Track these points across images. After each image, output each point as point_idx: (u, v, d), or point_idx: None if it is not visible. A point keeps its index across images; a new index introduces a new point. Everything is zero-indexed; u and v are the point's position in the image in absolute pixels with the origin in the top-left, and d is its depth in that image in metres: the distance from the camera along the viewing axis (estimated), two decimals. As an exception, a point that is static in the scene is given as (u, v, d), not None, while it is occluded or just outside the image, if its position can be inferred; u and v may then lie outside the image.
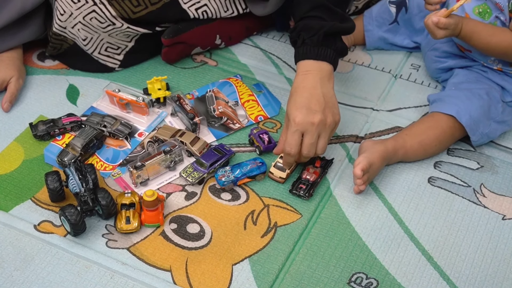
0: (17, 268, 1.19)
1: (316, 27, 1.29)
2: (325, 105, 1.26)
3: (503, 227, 1.28)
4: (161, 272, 1.20)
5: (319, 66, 1.29)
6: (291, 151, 1.26)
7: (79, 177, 1.26)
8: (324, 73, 1.28)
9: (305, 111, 1.24)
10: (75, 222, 1.20)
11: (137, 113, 1.47)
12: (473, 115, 1.36)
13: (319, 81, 1.27)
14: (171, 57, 1.61)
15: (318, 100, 1.26)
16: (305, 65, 1.29)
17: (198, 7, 1.52)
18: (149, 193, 1.23)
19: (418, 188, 1.35)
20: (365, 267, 1.21)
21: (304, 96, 1.26)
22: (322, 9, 1.31)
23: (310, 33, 1.29)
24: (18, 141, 1.42)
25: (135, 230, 1.24)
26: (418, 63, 1.63)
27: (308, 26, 1.29)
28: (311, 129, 1.24)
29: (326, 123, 1.25)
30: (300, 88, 1.27)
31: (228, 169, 1.32)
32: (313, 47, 1.28)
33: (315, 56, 1.28)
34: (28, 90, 1.54)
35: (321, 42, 1.28)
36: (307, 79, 1.28)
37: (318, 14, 1.30)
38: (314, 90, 1.26)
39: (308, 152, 1.26)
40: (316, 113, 1.24)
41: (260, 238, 1.25)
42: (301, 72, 1.29)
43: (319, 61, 1.29)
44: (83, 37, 1.51)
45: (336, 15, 1.32)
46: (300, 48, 1.30)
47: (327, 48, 1.29)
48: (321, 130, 1.26)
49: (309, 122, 1.24)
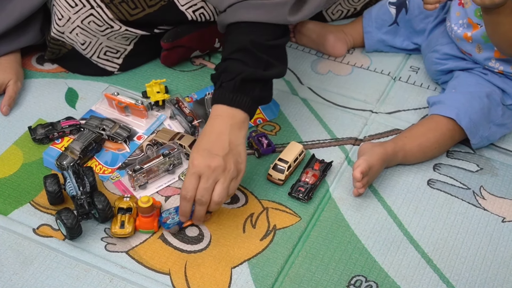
0: (16, 272, 1.19)
1: (235, 71, 1.23)
2: (228, 152, 1.20)
3: (503, 230, 1.28)
4: (160, 276, 1.19)
5: (232, 113, 1.23)
6: (186, 194, 1.18)
7: (76, 180, 1.25)
8: (236, 120, 1.23)
9: (205, 154, 1.18)
10: (71, 226, 1.20)
11: (136, 116, 1.47)
12: (473, 118, 1.36)
13: (228, 127, 1.22)
14: (170, 61, 1.60)
15: (222, 145, 1.20)
16: (218, 109, 1.24)
17: (195, 9, 1.52)
18: (144, 199, 1.22)
19: (418, 190, 1.35)
20: (364, 270, 1.21)
21: (209, 140, 1.21)
22: (245, 53, 1.25)
23: (228, 77, 1.24)
24: (17, 145, 1.41)
25: (128, 235, 1.23)
26: (417, 65, 1.63)
27: (228, 69, 1.24)
28: (207, 173, 1.17)
29: (225, 169, 1.18)
30: (207, 132, 1.23)
31: (172, 211, 1.26)
32: (228, 92, 1.23)
33: (229, 102, 1.23)
34: (27, 93, 1.54)
35: (237, 88, 1.23)
36: (216, 124, 1.22)
37: (241, 58, 1.24)
38: (220, 135, 1.21)
39: (201, 197, 1.18)
40: (216, 158, 1.18)
41: (259, 241, 1.25)
42: (212, 116, 1.24)
43: (233, 108, 1.23)
44: (82, 42, 1.51)
45: (260, 61, 1.25)
46: (216, 91, 1.25)
47: (243, 95, 1.23)
48: (218, 176, 1.18)
49: (206, 165, 1.17)
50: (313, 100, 1.54)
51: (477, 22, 1.39)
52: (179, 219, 1.23)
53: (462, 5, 1.43)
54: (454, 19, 1.44)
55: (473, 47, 1.42)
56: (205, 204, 1.19)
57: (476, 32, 1.39)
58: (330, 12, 1.73)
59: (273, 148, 1.39)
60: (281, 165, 1.34)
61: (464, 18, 1.42)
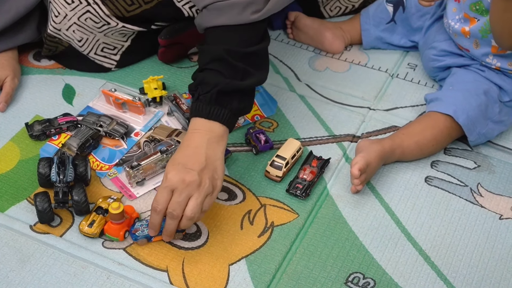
0: (13, 269, 1.19)
1: (211, 83, 1.20)
2: (204, 167, 1.16)
3: (500, 227, 1.28)
4: (158, 273, 1.19)
5: (210, 127, 1.20)
6: (157, 207, 1.15)
7: (59, 168, 1.26)
8: (214, 134, 1.20)
9: (180, 168, 1.15)
10: (42, 209, 1.22)
11: (133, 113, 1.46)
12: (470, 115, 1.36)
13: (205, 141, 1.19)
14: (168, 58, 1.60)
15: (198, 160, 1.17)
16: (196, 123, 1.21)
17: (192, 5, 1.52)
18: (114, 206, 1.19)
19: (415, 187, 1.35)
20: (362, 267, 1.21)
21: (185, 154, 1.18)
22: (221, 63, 1.22)
23: (205, 89, 1.20)
24: (14, 141, 1.41)
25: (93, 236, 1.23)
26: (414, 62, 1.63)
27: (204, 81, 1.21)
28: (180, 187, 1.14)
29: (200, 185, 1.15)
30: (184, 146, 1.20)
31: (144, 223, 1.22)
32: (205, 106, 1.20)
33: (206, 115, 1.20)
34: (23, 89, 1.53)
35: (214, 101, 1.20)
36: (193, 138, 1.20)
37: (217, 68, 1.21)
38: (196, 150, 1.18)
39: (173, 210, 1.15)
40: (190, 172, 1.15)
41: (257, 238, 1.25)
42: (190, 130, 1.21)
43: (210, 121, 1.20)
44: (79, 38, 1.51)
45: (236, 71, 1.22)
46: (194, 103, 1.22)
47: (221, 107, 1.20)
48: (192, 191, 1.15)
49: (180, 179, 1.14)
50: (310, 96, 1.54)
51: (474, 16, 1.39)
52: (148, 232, 1.21)
53: (458, 1, 1.43)
54: (450, 15, 1.45)
55: (471, 42, 1.42)
56: (177, 218, 1.16)
57: (474, 27, 1.39)
58: (328, 9, 1.72)
59: (271, 145, 1.39)
60: (279, 162, 1.34)
61: (460, 13, 1.42)
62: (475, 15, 1.39)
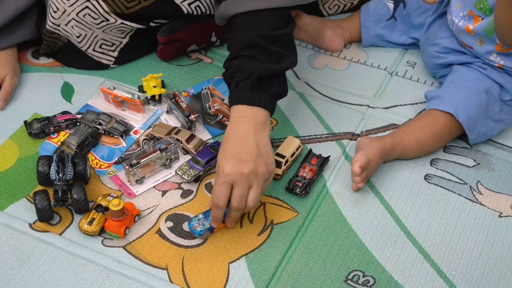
0: (13, 267, 1.19)
1: (249, 69, 1.21)
2: (257, 155, 1.17)
3: (500, 225, 1.28)
4: (158, 271, 1.19)
5: (253, 113, 1.21)
6: (219, 203, 1.17)
7: (58, 166, 1.25)
8: (259, 120, 1.21)
9: (235, 161, 1.15)
10: (41, 208, 1.22)
11: (133, 111, 1.46)
12: (471, 114, 1.36)
13: (252, 129, 1.19)
14: (167, 55, 1.60)
15: (249, 149, 1.18)
16: (239, 111, 1.21)
17: (191, 2, 1.52)
18: (115, 202, 1.19)
19: (415, 185, 1.35)
20: (362, 265, 1.21)
21: (235, 146, 1.18)
22: (256, 49, 1.22)
23: (243, 76, 1.21)
24: (12, 139, 1.41)
25: (92, 234, 1.22)
26: (414, 60, 1.63)
27: (241, 68, 1.22)
28: (240, 180, 1.15)
29: (258, 174, 1.16)
30: (231, 136, 1.20)
31: (201, 217, 1.24)
32: (246, 92, 1.21)
33: (248, 101, 1.21)
34: (22, 88, 1.53)
35: (255, 87, 1.21)
36: (239, 127, 1.20)
37: (252, 54, 1.22)
38: (245, 139, 1.18)
39: (238, 204, 1.17)
40: (246, 163, 1.15)
41: (256, 236, 1.25)
42: (234, 119, 1.21)
43: (253, 107, 1.21)
44: (77, 34, 1.50)
45: (271, 54, 1.23)
46: (234, 91, 1.22)
47: (262, 93, 1.21)
48: (251, 181, 1.16)
49: (238, 172, 1.15)
50: (310, 94, 1.54)
51: (478, 14, 1.39)
52: (209, 224, 1.22)
53: None
54: (455, 12, 1.44)
55: (475, 40, 1.42)
56: (242, 209, 1.19)
57: (478, 25, 1.39)
58: (327, 7, 1.72)
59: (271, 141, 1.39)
60: (279, 160, 1.33)
61: (465, 10, 1.41)
62: (479, 14, 1.38)
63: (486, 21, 1.37)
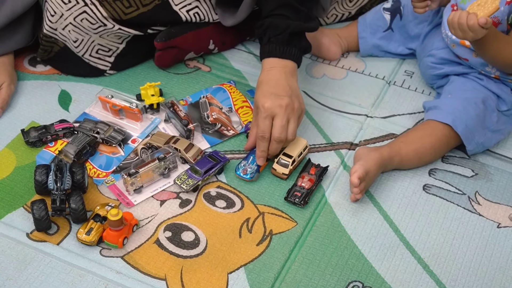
0: (10, 277, 1.18)
1: (282, 26, 1.34)
2: (291, 93, 1.31)
3: (498, 235, 1.28)
4: (156, 281, 1.18)
5: (284, 63, 1.35)
6: (264, 135, 1.30)
7: (56, 175, 1.25)
8: (288, 69, 1.35)
9: (273, 97, 1.29)
10: (39, 217, 1.22)
11: (131, 119, 1.46)
12: (469, 124, 1.36)
13: (283, 75, 1.33)
14: (164, 62, 1.59)
15: (284, 88, 1.31)
16: (270, 62, 1.35)
17: (189, 9, 1.52)
18: (113, 212, 1.19)
19: (413, 195, 1.35)
20: (361, 276, 1.21)
21: (270, 85, 1.32)
22: (288, 8, 1.36)
23: (276, 32, 1.34)
24: (9, 148, 1.40)
25: (90, 244, 1.22)
26: (411, 69, 1.63)
27: (274, 24, 1.35)
28: (280, 112, 1.29)
29: (294, 108, 1.30)
30: (265, 80, 1.33)
31: (245, 162, 1.36)
32: (278, 46, 1.34)
33: (280, 54, 1.35)
34: (19, 95, 1.52)
35: (286, 41, 1.34)
36: (271, 73, 1.34)
37: (284, 13, 1.35)
38: (279, 81, 1.32)
39: (280, 134, 1.29)
40: (284, 98, 1.29)
41: (255, 246, 1.24)
42: (266, 68, 1.35)
43: (283, 59, 1.35)
44: (74, 39, 1.50)
45: (301, 14, 1.37)
46: (266, 45, 1.36)
47: (292, 47, 1.35)
48: (289, 114, 1.30)
49: (278, 105, 1.28)
50: (308, 104, 1.53)
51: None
52: (256, 164, 1.34)
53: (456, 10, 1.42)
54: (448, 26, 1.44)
55: (470, 52, 1.42)
56: (283, 140, 1.31)
57: None
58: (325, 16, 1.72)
59: None
60: (286, 160, 1.34)
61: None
62: None
63: None
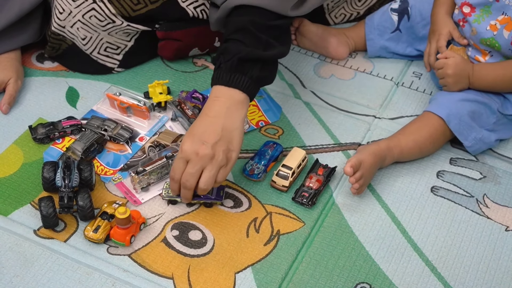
0: (17, 274, 1.17)
1: (233, 51, 1.22)
2: (219, 139, 1.18)
3: (507, 238, 1.28)
4: (163, 280, 1.18)
5: (230, 94, 1.22)
6: (174, 176, 1.20)
7: (64, 172, 1.25)
8: (234, 102, 1.21)
9: (196, 140, 1.18)
10: (47, 214, 1.21)
11: (138, 117, 1.45)
12: (463, 120, 1.37)
13: (225, 110, 1.20)
14: (167, 53, 1.58)
15: (214, 131, 1.19)
16: (216, 91, 1.23)
17: (197, 5, 1.51)
18: (121, 210, 1.19)
19: (421, 197, 1.34)
20: (369, 277, 1.20)
21: (202, 124, 1.20)
22: (244, 33, 1.24)
23: (226, 58, 1.22)
24: (17, 144, 1.40)
25: (98, 241, 1.22)
26: (420, 71, 1.63)
27: (227, 50, 1.23)
28: (194, 159, 1.18)
29: (213, 158, 1.18)
30: (202, 115, 1.22)
31: (252, 162, 1.36)
32: (226, 73, 1.22)
33: (226, 82, 1.22)
34: (27, 92, 1.52)
35: (234, 68, 1.22)
36: (213, 106, 1.21)
37: (240, 38, 1.24)
38: (214, 119, 1.20)
39: (186, 181, 1.19)
40: (204, 145, 1.17)
41: (263, 246, 1.24)
42: (211, 98, 1.23)
43: (230, 88, 1.22)
44: (83, 37, 1.49)
45: (259, 42, 1.24)
46: (215, 71, 1.24)
47: (241, 75, 1.22)
48: (205, 164, 1.18)
49: (194, 151, 1.17)
50: (316, 104, 1.53)
51: (484, 49, 1.40)
52: (263, 164, 1.35)
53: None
54: None
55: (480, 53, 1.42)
56: (190, 188, 1.20)
57: (490, 59, 1.41)
58: (333, 15, 1.72)
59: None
60: (285, 172, 1.33)
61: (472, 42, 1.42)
62: (486, 48, 1.40)
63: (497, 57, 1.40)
